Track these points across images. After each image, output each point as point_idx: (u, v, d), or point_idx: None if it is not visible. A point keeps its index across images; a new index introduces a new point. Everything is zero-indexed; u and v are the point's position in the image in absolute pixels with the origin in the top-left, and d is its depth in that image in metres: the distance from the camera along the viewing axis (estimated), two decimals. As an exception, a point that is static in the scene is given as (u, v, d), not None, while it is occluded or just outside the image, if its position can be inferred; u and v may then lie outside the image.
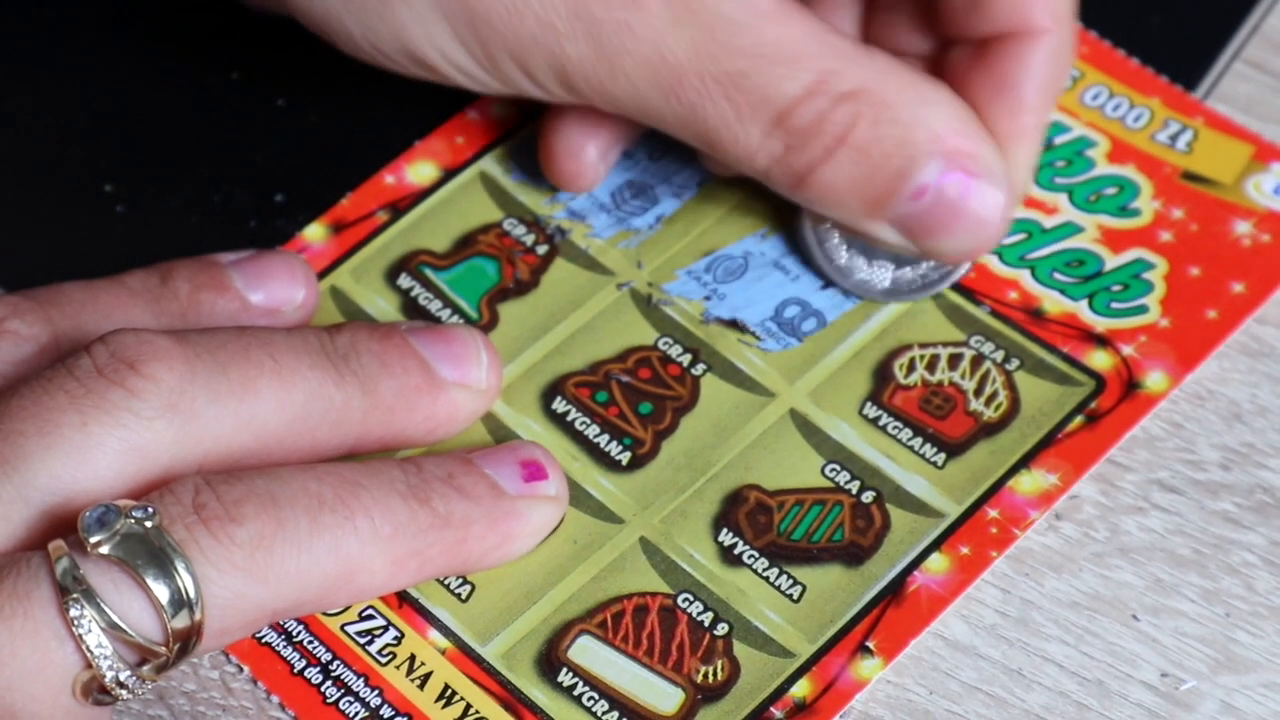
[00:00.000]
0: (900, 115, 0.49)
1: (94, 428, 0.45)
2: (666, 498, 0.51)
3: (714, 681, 0.48)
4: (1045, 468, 0.51)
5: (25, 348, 0.48)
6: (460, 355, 0.50)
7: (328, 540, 0.46)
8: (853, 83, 0.49)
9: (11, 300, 0.49)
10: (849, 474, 0.51)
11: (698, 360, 0.53)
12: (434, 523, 0.47)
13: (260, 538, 0.45)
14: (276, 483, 0.46)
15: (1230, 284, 0.53)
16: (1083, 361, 0.52)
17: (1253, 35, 0.58)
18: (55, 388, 0.46)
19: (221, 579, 0.44)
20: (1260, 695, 0.48)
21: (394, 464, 0.48)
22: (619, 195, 0.56)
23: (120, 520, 0.44)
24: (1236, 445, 0.52)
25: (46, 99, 0.58)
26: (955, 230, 0.50)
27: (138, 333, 0.46)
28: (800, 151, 0.50)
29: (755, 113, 0.49)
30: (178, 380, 0.46)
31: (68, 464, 0.45)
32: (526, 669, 0.48)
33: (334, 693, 0.48)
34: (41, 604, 0.43)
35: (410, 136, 0.57)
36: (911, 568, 0.49)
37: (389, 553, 0.47)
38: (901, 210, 0.50)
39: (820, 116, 0.49)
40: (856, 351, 0.53)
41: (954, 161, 0.50)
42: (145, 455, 0.46)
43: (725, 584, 0.49)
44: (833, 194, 0.50)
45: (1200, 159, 0.56)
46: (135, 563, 0.44)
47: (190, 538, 0.44)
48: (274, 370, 0.47)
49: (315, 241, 0.55)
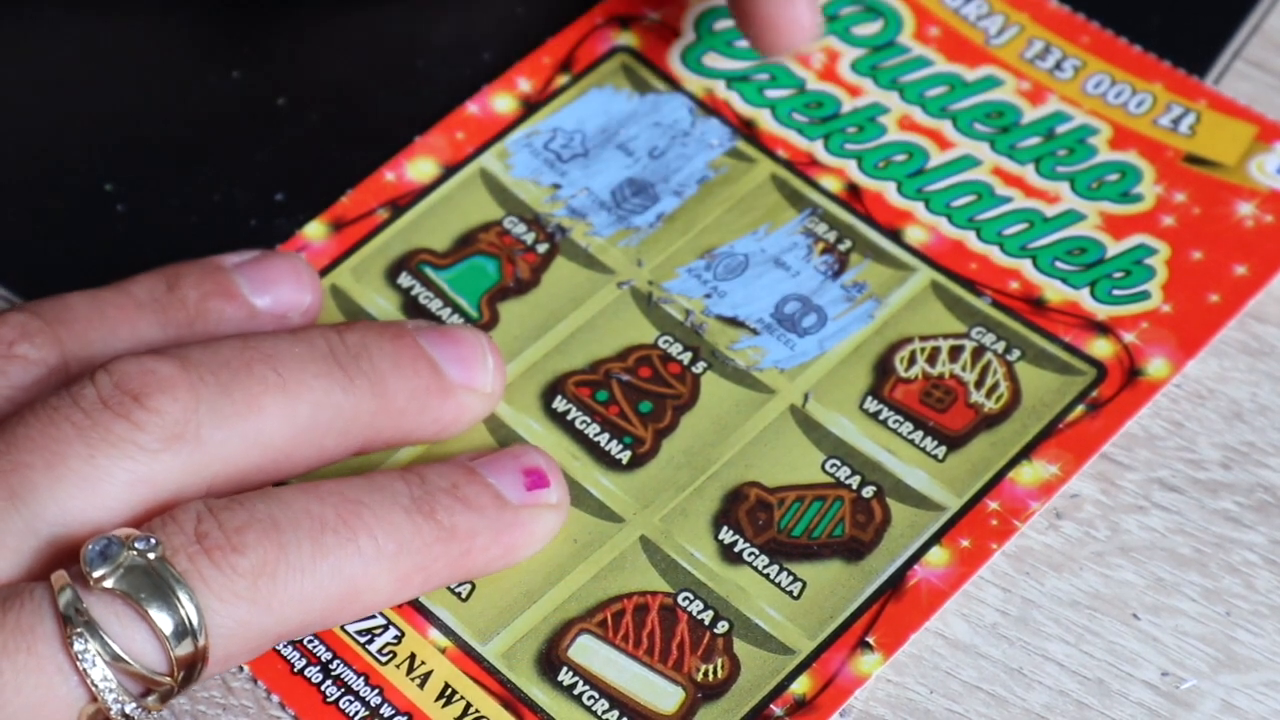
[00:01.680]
0: None
1: (101, 460, 0.45)
2: (667, 496, 0.51)
3: (714, 680, 0.48)
4: (1046, 458, 0.50)
5: (34, 371, 0.48)
6: (468, 358, 0.50)
7: (331, 562, 0.46)
8: None
9: (19, 320, 0.49)
10: (849, 469, 0.51)
11: (698, 358, 0.53)
12: (438, 536, 0.47)
13: (263, 565, 0.45)
14: (278, 506, 0.46)
15: (1233, 266, 0.53)
16: (1084, 350, 0.52)
17: (1253, 35, 0.58)
18: (61, 418, 0.46)
19: (225, 609, 0.44)
20: (1261, 694, 0.48)
21: (397, 476, 0.48)
22: (619, 193, 0.55)
23: (123, 553, 0.44)
24: (1237, 444, 0.51)
25: (46, 99, 0.58)
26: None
27: (140, 360, 0.46)
28: None
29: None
30: (182, 410, 0.46)
31: (76, 496, 0.45)
32: (527, 668, 0.48)
33: (334, 692, 0.48)
34: (45, 638, 0.43)
35: (411, 137, 0.57)
36: (912, 561, 0.49)
37: (393, 570, 0.47)
38: None
39: None
40: (857, 346, 0.53)
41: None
42: (153, 485, 0.46)
43: (725, 582, 0.49)
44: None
45: (1203, 141, 0.55)
46: (139, 595, 0.44)
47: (193, 568, 0.44)
48: (279, 385, 0.47)
49: (315, 240, 0.55)
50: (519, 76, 0.57)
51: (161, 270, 0.51)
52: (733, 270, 0.54)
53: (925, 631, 0.49)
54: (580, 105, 0.57)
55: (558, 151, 0.56)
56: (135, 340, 0.49)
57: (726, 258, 0.54)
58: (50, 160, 0.57)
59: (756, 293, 0.54)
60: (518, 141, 0.56)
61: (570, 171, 0.56)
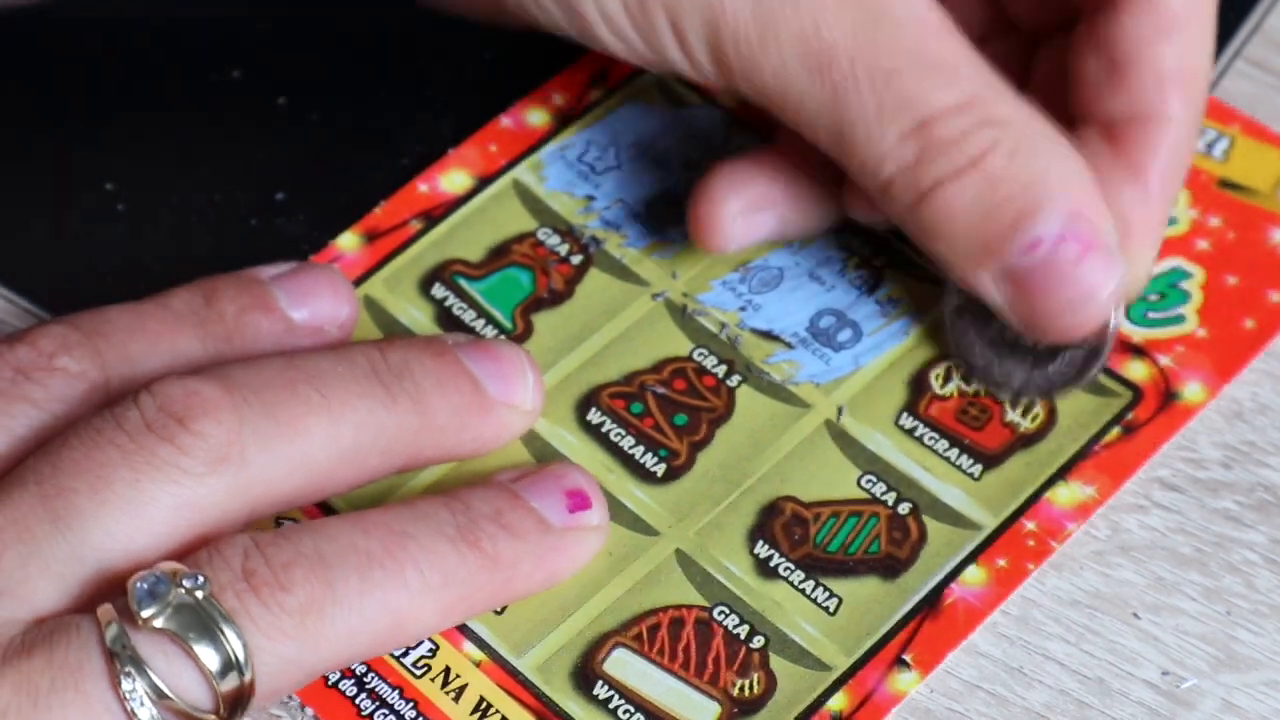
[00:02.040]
0: (1037, 157, 0.48)
1: (146, 484, 0.45)
2: (702, 509, 0.51)
3: (750, 695, 0.48)
4: (1082, 479, 0.50)
5: (75, 385, 0.48)
6: (508, 374, 0.50)
7: (378, 598, 0.45)
8: (1000, 112, 0.48)
9: (58, 332, 0.48)
10: (885, 485, 0.51)
11: (733, 371, 0.53)
12: (483, 565, 0.47)
13: (311, 603, 0.45)
14: (325, 541, 0.46)
15: (1268, 293, 0.53)
16: (1119, 372, 0.52)
17: (1254, 34, 0.58)
18: (105, 441, 0.45)
19: (272, 646, 0.44)
20: (1261, 693, 0.48)
21: (440, 504, 0.48)
22: (653, 205, 0.55)
23: (171, 590, 0.44)
24: (1237, 444, 0.51)
25: (47, 99, 0.58)
26: (1060, 298, 0.48)
27: (184, 382, 0.46)
28: (930, 164, 0.48)
29: (898, 114, 0.48)
30: (226, 433, 0.46)
31: (121, 521, 0.45)
32: (562, 681, 0.48)
33: (369, 705, 0.48)
34: (93, 677, 0.43)
35: (411, 137, 0.57)
36: (948, 580, 0.49)
37: (438, 601, 0.46)
38: (1011, 261, 0.48)
39: (961, 133, 0.48)
40: (892, 362, 0.53)
41: (1076, 224, 0.48)
42: (198, 509, 0.45)
43: (761, 596, 0.49)
44: (948, 221, 0.48)
45: (1236, 167, 0.55)
46: (187, 635, 0.43)
47: (241, 607, 0.44)
48: (323, 406, 0.47)
49: (348, 251, 0.55)
50: (553, 91, 0.57)
51: (198, 283, 0.51)
52: (767, 283, 0.54)
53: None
54: (614, 119, 0.57)
55: (591, 164, 0.56)
56: (174, 354, 0.49)
57: (761, 271, 0.54)
58: (50, 160, 0.57)
59: (791, 306, 0.54)
60: (551, 154, 0.56)
61: (604, 184, 0.56)
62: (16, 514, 0.45)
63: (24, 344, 0.48)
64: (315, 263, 0.53)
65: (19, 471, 0.46)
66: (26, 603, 0.44)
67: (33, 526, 0.45)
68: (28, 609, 0.44)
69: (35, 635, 0.44)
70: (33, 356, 0.48)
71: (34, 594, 0.45)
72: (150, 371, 0.48)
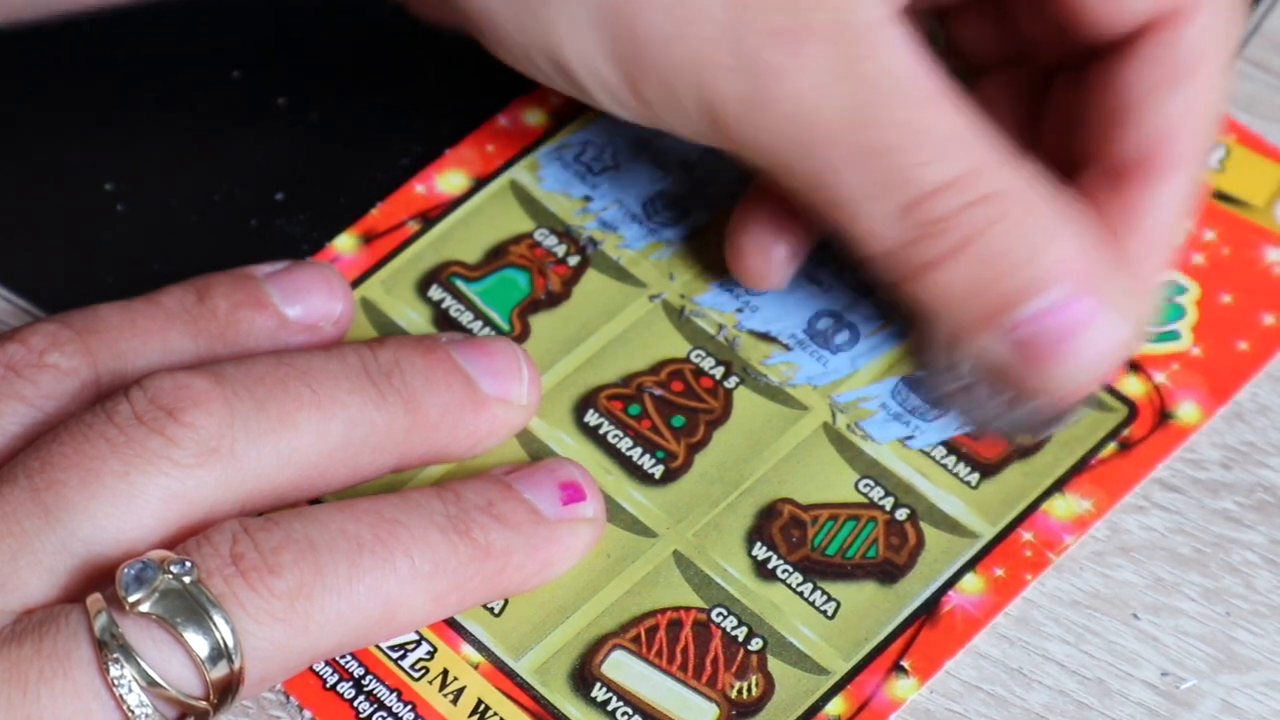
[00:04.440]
0: (1035, 230, 0.46)
1: (136, 477, 0.45)
2: (700, 511, 0.51)
3: (748, 697, 0.48)
4: (1079, 493, 0.50)
5: (66, 382, 0.48)
6: (502, 370, 0.50)
7: (368, 583, 0.46)
8: (996, 185, 0.46)
9: (49, 330, 0.48)
10: (883, 490, 0.51)
11: (730, 373, 0.53)
12: (474, 555, 0.47)
13: (300, 587, 0.45)
14: (314, 526, 0.46)
15: (1261, 315, 0.53)
16: (1115, 387, 0.52)
17: (1254, 35, 0.58)
18: (96, 434, 0.45)
19: (261, 631, 0.44)
20: (1261, 694, 0.48)
21: (433, 494, 0.48)
22: (651, 206, 0.55)
23: (158, 576, 0.44)
24: (1237, 444, 0.51)
25: (46, 99, 0.58)
26: (1068, 358, 0.47)
27: (175, 376, 0.46)
28: (922, 245, 0.47)
29: (888, 192, 0.46)
30: (217, 425, 0.46)
31: (111, 514, 0.45)
32: (560, 684, 0.48)
33: (367, 708, 0.48)
34: (81, 664, 0.43)
35: (410, 137, 0.57)
36: (946, 587, 0.49)
37: (429, 590, 0.47)
38: (1017, 329, 0.47)
39: (953, 212, 0.46)
40: (890, 364, 0.53)
41: (1085, 285, 0.47)
42: (188, 501, 0.46)
43: (759, 599, 0.49)
44: (942, 299, 0.47)
45: (1231, 178, 0.55)
46: (175, 620, 0.44)
47: (229, 591, 0.44)
48: (313, 401, 0.47)
49: (345, 252, 0.55)
50: (551, 91, 0.57)
51: (192, 281, 0.51)
52: (765, 286, 0.54)
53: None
54: (611, 119, 0.57)
55: (589, 164, 0.56)
56: (166, 351, 0.49)
57: (758, 273, 0.54)
58: (50, 160, 0.57)
59: (789, 308, 0.54)
60: (548, 154, 0.56)
61: (601, 184, 0.56)
62: (7, 508, 0.45)
63: (15, 341, 0.48)
64: (309, 261, 0.52)
65: (10, 467, 0.46)
66: (17, 594, 0.45)
67: (23, 520, 0.45)
68: (18, 600, 0.45)
69: (25, 625, 0.44)
70: (23, 353, 0.48)
71: (24, 586, 0.45)
72: (141, 368, 0.49)
